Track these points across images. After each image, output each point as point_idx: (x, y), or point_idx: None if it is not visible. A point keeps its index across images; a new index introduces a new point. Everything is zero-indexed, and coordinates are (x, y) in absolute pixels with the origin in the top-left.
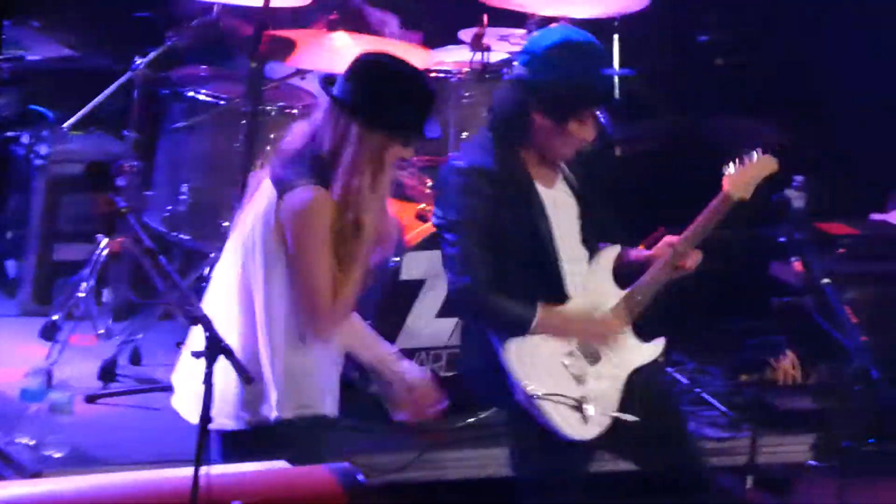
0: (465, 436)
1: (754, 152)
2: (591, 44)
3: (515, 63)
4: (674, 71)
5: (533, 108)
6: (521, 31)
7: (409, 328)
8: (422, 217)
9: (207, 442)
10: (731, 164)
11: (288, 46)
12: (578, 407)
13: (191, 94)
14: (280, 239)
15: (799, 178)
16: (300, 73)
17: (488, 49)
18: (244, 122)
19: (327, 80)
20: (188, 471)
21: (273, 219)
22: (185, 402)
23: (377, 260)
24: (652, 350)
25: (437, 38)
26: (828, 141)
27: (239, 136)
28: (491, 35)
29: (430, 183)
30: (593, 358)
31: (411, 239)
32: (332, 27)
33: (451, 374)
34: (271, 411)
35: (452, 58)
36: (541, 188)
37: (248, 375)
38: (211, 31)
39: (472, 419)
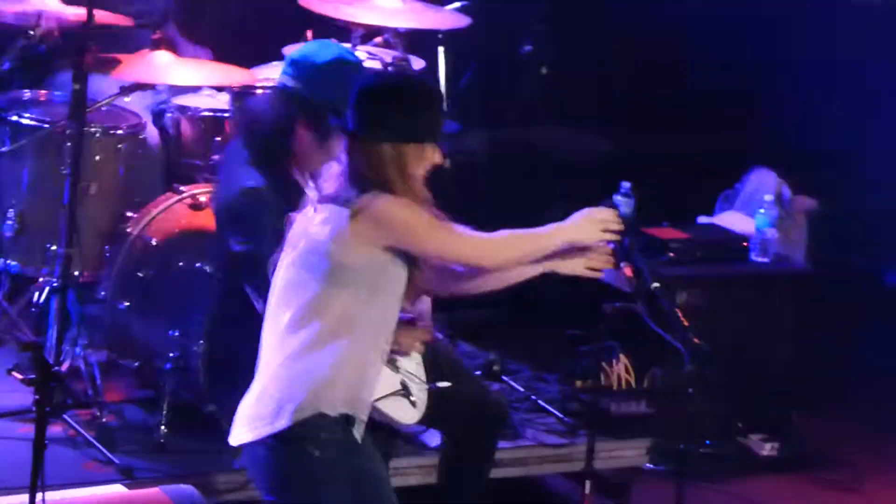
0: None
1: None
2: (362, 65)
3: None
4: (499, 82)
5: (300, 120)
6: (346, 45)
7: None
8: None
9: (41, 468)
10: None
11: (112, 63)
12: (406, 392)
13: (14, 118)
14: (357, 248)
15: (626, 185)
16: (124, 92)
17: None
18: (69, 144)
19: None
20: (23, 497)
21: (347, 233)
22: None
23: None
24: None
25: (263, 54)
26: (654, 146)
27: (64, 160)
28: None
29: None
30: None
31: None
32: (156, 45)
33: None
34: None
35: (278, 73)
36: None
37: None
38: (32, 53)
39: None
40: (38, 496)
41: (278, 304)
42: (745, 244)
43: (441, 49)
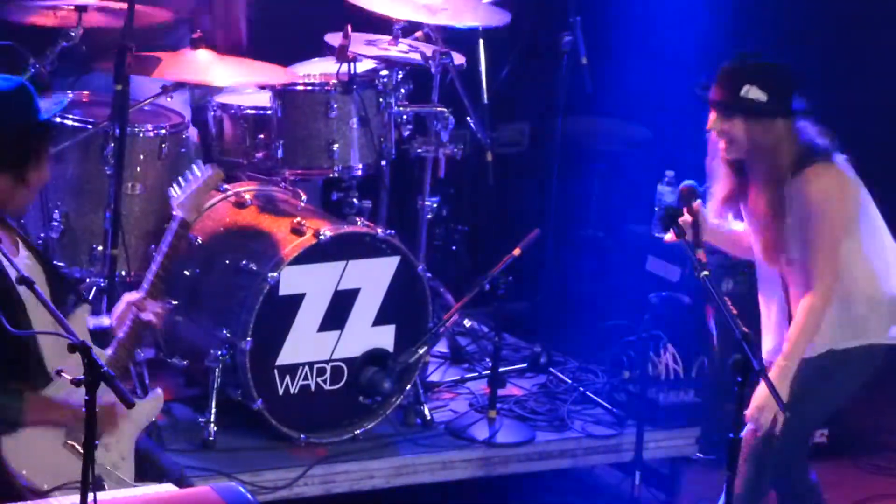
0: (349, 449)
1: (196, 167)
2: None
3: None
4: (540, 73)
5: None
6: (388, 38)
7: (292, 343)
8: (297, 231)
9: (93, 467)
10: (174, 186)
11: (153, 62)
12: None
13: (57, 119)
14: None
15: (670, 173)
16: (166, 91)
17: (354, 60)
18: (112, 145)
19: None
20: (75, 497)
21: None
22: None
23: None
24: (152, 405)
25: (304, 49)
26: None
27: (108, 160)
28: (357, 42)
29: (304, 197)
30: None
31: (288, 253)
32: (195, 45)
33: (334, 387)
34: None
35: (319, 69)
36: (6, 261)
37: (129, 402)
38: (74, 56)
39: (358, 432)
40: (90, 496)
41: None
42: None
43: (481, 41)
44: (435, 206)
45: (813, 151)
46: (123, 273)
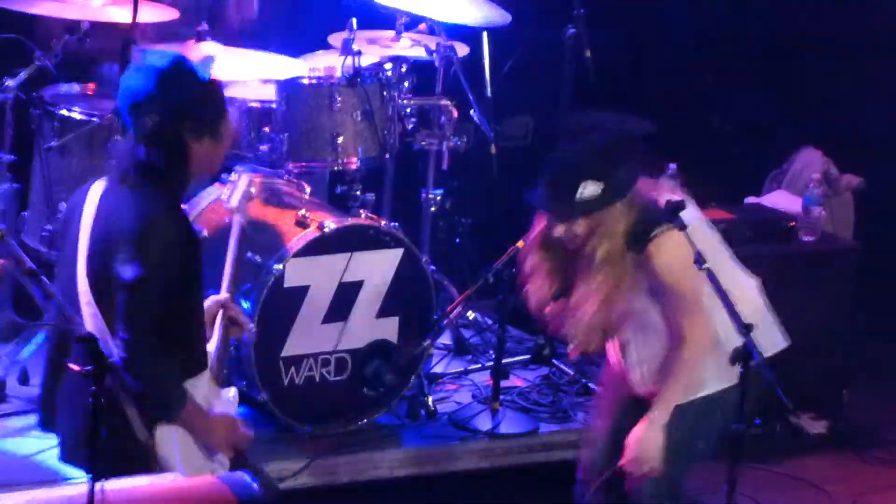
0: (354, 440)
1: (234, 171)
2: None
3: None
4: (543, 66)
5: (189, 134)
6: (391, 34)
7: (297, 334)
8: (301, 223)
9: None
10: (224, 190)
11: None
12: None
13: (63, 112)
14: None
15: (672, 167)
16: None
17: (358, 53)
18: (117, 137)
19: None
20: (82, 487)
21: None
22: None
23: None
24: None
25: (309, 43)
26: (702, 127)
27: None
28: (360, 39)
29: (308, 189)
30: None
31: (292, 246)
32: (200, 38)
33: (339, 378)
34: None
35: (323, 63)
36: None
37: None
38: (80, 48)
39: (361, 422)
40: (98, 485)
41: None
42: (792, 224)
43: (485, 34)
44: (439, 198)
45: (650, 219)
46: None
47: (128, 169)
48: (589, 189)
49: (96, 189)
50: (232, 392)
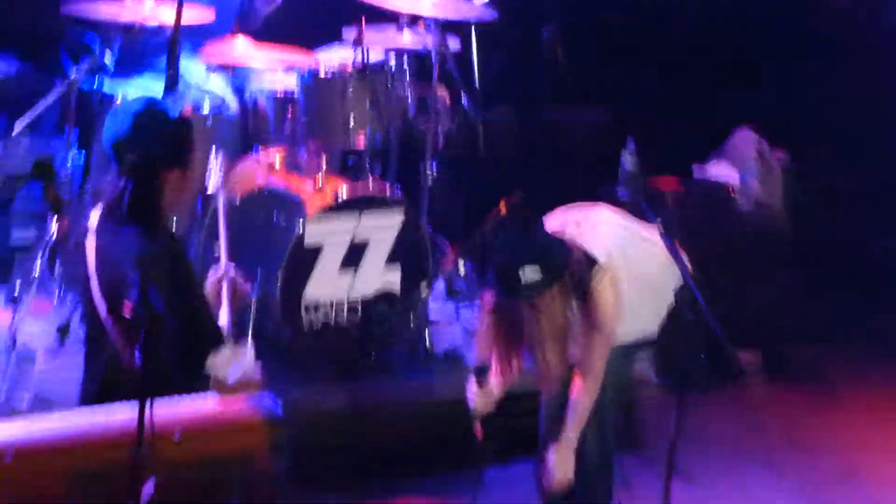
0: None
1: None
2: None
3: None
4: (524, 62)
5: (161, 165)
6: (394, 29)
7: (314, 284)
8: (319, 190)
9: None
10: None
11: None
12: None
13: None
14: None
15: (631, 143)
16: (209, 74)
17: (367, 48)
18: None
19: None
20: (134, 406)
21: None
22: None
23: None
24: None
25: (323, 38)
26: (663, 104)
27: None
28: (368, 33)
29: (325, 157)
30: None
31: (311, 210)
32: (233, 33)
33: (351, 321)
34: None
35: (338, 56)
36: None
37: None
38: (135, 43)
39: (370, 358)
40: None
41: None
42: (731, 193)
43: (473, 30)
44: (435, 172)
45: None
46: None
47: (114, 200)
48: (528, 274)
49: (94, 216)
50: (248, 347)
